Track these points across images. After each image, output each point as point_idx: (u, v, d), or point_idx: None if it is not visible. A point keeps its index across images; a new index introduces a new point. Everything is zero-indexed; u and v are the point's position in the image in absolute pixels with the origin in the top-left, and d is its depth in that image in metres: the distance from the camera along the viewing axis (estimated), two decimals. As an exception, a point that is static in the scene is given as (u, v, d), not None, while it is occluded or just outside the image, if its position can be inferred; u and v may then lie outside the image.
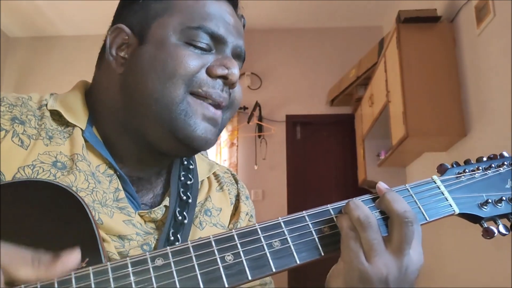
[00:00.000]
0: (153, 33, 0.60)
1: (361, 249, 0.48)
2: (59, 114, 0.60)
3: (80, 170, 0.56)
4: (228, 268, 0.45)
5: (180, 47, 0.59)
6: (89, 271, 0.41)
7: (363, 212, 0.49)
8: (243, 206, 0.74)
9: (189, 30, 0.59)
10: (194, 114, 0.58)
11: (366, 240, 0.47)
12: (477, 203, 0.57)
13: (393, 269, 0.47)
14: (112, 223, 0.56)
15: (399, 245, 0.48)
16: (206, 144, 0.60)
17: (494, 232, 0.55)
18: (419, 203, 0.55)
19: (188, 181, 0.68)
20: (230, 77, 0.60)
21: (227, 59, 0.61)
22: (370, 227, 0.48)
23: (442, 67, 2.61)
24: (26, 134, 0.56)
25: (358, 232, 0.48)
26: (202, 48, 0.60)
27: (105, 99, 0.63)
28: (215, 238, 0.47)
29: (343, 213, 0.51)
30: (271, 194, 4.07)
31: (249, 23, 0.74)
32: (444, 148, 2.79)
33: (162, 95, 0.57)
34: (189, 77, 0.58)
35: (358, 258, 0.47)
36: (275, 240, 0.48)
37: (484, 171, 0.61)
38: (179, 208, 0.63)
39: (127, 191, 0.61)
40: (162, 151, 0.62)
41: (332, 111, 4.26)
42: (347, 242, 0.48)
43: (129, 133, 0.62)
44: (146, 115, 0.59)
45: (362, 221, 0.48)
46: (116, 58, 0.62)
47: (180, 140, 0.59)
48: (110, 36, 0.63)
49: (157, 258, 0.44)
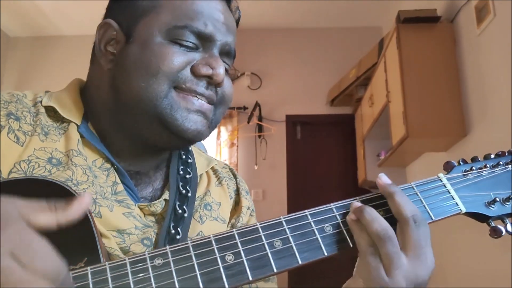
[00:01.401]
0: (139, 32, 0.60)
1: (381, 264, 0.47)
2: (54, 110, 0.61)
3: (77, 165, 0.56)
4: (228, 268, 0.44)
5: (165, 45, 0.58)
6: (87, 271, 0.41)
7: (381, 225, 0.48)
8: (244, 201, 0.74)
9: (175, 30, 0.59)
10: (179, 108, 0.58)
11: (386, 254, 0.47)
12: (485, 202, 0.56)
13: (412, 280, 0.47)
14: (111, 216, 0.55)
15: (416, 251, 0.48)
16: (198, 135, 0.60)
17: (502, 231, 0.53)
18: (424, 202, 0.54)
19: (187, 175, 0.68)
20: (215, 77, 0.60)
21: (213, 58, 0.60)
22: (390, 241, 0.47)
23: (442, 67, 2.61)
24: (22, 130, 0.56)
25: (378, 246, 0.47)
26: (188, 46, 0.59)
27: (97, 95, 0.64)
28: (215, 237, 0.46)
29: (355, 221, 0.50)
30: (271, 194, 4.06)
31: (249, 23, 0.74)
32: (444, 148, 2.78)
33: (146, 92, 0.57)
34: (173, 74, 0.58)
35: (379, 274, 0.47)
36: (277, 240, 0.47)
37: (491, 168, 0.59)
38: (178, 202, 0.63)
39: (126, 184, 0.61)
40: (159, 146, 0.63)
41: (332, 111, 4.25)
42: (366, 258, 0.47)
43: (123, 129, 0.62)
44: (136, 113, 0.59)
45: (382, 236, 0.47)
46: (104, 54, 0.62)
47: (173, 133, 0.59)
48: (99, 32, 0.63)
49: (156, 257, 0.43)
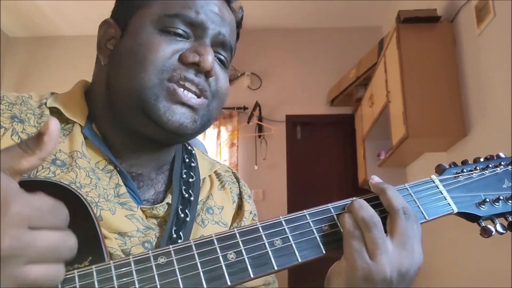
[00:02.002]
0: (132, 25, 0.61)
1: (364, 247, 0.48)
2: (58, 111, 0.61)
3: (80, 167, 0.57)
4: (230, 266, 0.45)
5: (154, 35, 0.58)
6: (92, 269, 0.42)
7: (368, 212, 0.49)
8: (247, 205, 0.74)
9: (165, 18, 0.59)
10: (164, 99, 0.58)
11: (371, 239, 0.47)
12: (475, 202, 0.58)
13: (396, 267, 0.47)
14: (113, 219, 0.56)
15: (402, 239, 0.48)
16: (181, 127, 0.59)
17: (492, 231, 0.55)
18: (418, 202, 0.55)
19: (190, 178, 0.68)
20: (202, 64, 0.58)
21: (201, 46, 0.60)
22: (375, 226, 0.48)
23: (442, 67, 2.61)
24: (26, 132, 0.56)
25: (362, 231, 0.48)
26: (178, 34, 0.59)
27: (99, 94, 0.64)
28: (217, 236, 0.47)
29: (345, 212, 0.51)
30: (271, 194, 4.07)
31: (249, 23, 0.75)
32: (444, 149, 2.79)
33: (134, 83, 0.57)
34: (160, 63, 0.57)
35: (362, 257, 0.47)
36: (277, 239, 0.48)
37: (481, 171, 0.62)
38: (181, 206, 0.63)
39: (128, 186, 0.61)
40: (150, 138, 0.62)
41: (332, 111, 4.26)
42: (349, 241, 0.48)
43: (120, 126, 0.62)
44: (124, 106, 0.59)
45: (367, 221, 0.48)
46: (104, 51, 0.63)
47: (157, 124, 0.58)
48: (100, 31, 0.64)
49: (159, 256, 0.44)
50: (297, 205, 3.93)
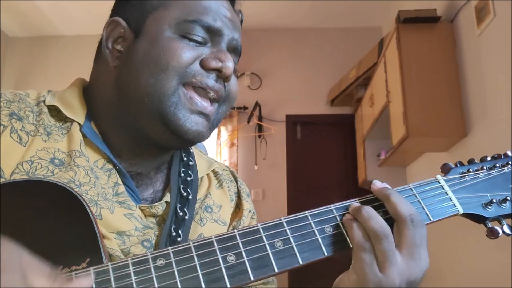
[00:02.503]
0: (148, 28, 0.60)
1: (375, 260, 0.47)
2: (57, 109, 0.60)
3: (79, 165, 0.56)
4: (230, 268, 0.44)
5: (174, 40, 0.58)
6: (90, 271, 0.41)
7: (378, 222, 0.48)
8: (246, 204, 0.74)
9: (185, 24, 0.59)
10: (183, 107, 0.58)
11: (381, 251, 0.47)
12: (482, 203, 0.57)
13: (405, 278, 0.47)
14: (111, 218, 0.55)
15: (410, 249, 0.48)
16: (199, 136, 0.60)
17: (499, 232, 0.54)
18: (422, 203, 0.54)
19: (188, 177, 0.68)
20: (224, 70, 0.60)
21: (222, 52, 0.61)
22: (386, 238, 0.47)
23: (442, 67, 2.61)
24: (25, 130, 0.56)
25: (373, 243, 0.48)
26: (197, 41, 0.60)
27: (101, 93, 0.63)
28: (217, 237, 0.46)
29: (351, 219, 0.50)
30: (271, 194, 4.06)
31: (249, 23, 0.74)
32: (444, 148, 2.78)
33: (155, 88, 0.57)
34: (183, 69, 0.58)
35: (372, 270, 0.47)
36: (278, 240, 0.47)
37: (488, 170, 0.60)
38: (179, 204, 0.63)
39: (127, 185, 0.61)
40: (159, 145, 0.63)
41: (332, 111, 4.25)
42: (360, 254, 0.47)
43: (125, 127, 0.62)
44: (140, 110, 0.59)
45: (378, 233, 0.47)
46: (112, 52, 0.62)
47: (173, 133, 0.59)
48: (106, 29, 0.63)
49: (158, 258, 0.43)
50: (297, 205, 3.93)
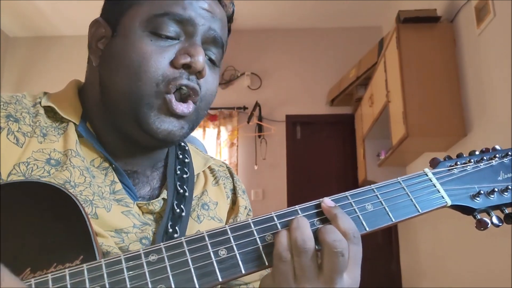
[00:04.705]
0: (122, 26, 0.60)
1: (291, 272, 0.46)
2: (53, 110, 0.61)
3: (74, 166, 0.56)
4: (221, 262, 0.45)
5: (144, 40, 0.57)
6: (83, 268, 0.42)
7: (302, 235, 0.46)
8: (241, 200, 0.74)
9: (155, 19, 0.58)
10: (156, 108, 0.57)
11: (300, 265, 0.45)
12: (469, 195, 0.58)
13: None
14: (108, 216, 0.56)
15: (330, 275, 0.46)
16: (170, 135, 0.59)
17: (488, 223, 0.55)
18: (411, 195, 0.55)
19: (184, 174, 0.68)
20: (194, 65, 0.57)
21: (192, 47, 0.58)
22: (305, 253, 0.45)
23: (442, 67, 2.61)
24: (21, 131, 0.56)
25: (293, 255, 0.46)
26: (169, 36, 0.58)
27: (91, 93, 0.64)
28: (208, 232, 0.47)
29: (284, 229, 0.48)
30: (271, 194, 4.07)
31: (249, 24, 0.74)
32: (444, 148, 2.78)
33: (130, 91, 0.57)
34: (156, 78, 0.57)
35: (287, 281, 0.46)
36: (268, 234, 0.48)
37: (476, 163, 0.61)
38: (176, 201, 0.63)
39: (124, 183, 0.61)
40: (139, 144, 0.62)
41: (332, 111, 4.25)
42: (278, 264, 0.46)
43: (114, 127, 0.62)
44: (119, 109, 0.59)
45: (299, 245, 0.45)
46: (95, 51, 0.62)
47: (145, 132, 0.58)
48: (90, 30, 0.64)
49: (151, 254, 0.44)
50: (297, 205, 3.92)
